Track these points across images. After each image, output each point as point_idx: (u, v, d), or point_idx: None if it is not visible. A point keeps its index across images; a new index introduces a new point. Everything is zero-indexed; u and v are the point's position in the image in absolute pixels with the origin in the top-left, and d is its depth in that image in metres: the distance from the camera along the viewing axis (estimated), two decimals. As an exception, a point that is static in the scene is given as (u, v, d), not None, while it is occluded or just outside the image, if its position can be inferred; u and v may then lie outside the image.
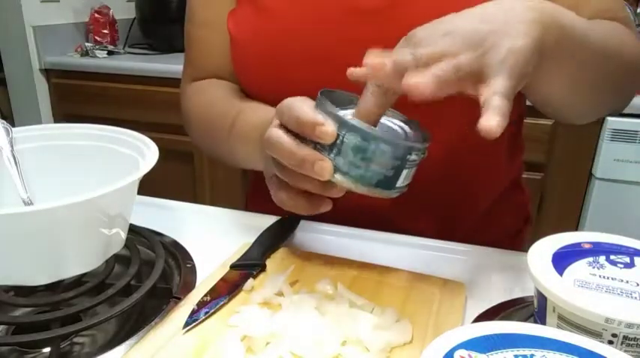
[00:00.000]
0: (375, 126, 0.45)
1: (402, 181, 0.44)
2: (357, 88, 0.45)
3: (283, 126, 0.46)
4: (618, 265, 0.39)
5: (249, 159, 0.59)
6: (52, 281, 0.46)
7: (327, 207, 0.48)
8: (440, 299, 0.48)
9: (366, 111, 0.44)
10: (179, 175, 1.83)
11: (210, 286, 0.49)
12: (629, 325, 0.33)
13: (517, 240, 0.75)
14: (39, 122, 1.89)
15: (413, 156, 0.43)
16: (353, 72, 0.44)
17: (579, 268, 0.39)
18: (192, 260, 0.54)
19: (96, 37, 1.97)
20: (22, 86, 1.93)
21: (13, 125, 0.55)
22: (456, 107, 0.48)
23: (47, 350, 0.43)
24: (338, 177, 0.43)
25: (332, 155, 0.43)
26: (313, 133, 0.42)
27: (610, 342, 0.34)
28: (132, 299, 0.45)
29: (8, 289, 0.48)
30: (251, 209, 0.71)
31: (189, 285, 0.50)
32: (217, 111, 0.66)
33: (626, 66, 0.56)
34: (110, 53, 1.91)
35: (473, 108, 0.39)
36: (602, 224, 1.54)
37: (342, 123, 0.42)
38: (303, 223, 0.63)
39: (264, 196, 0.57)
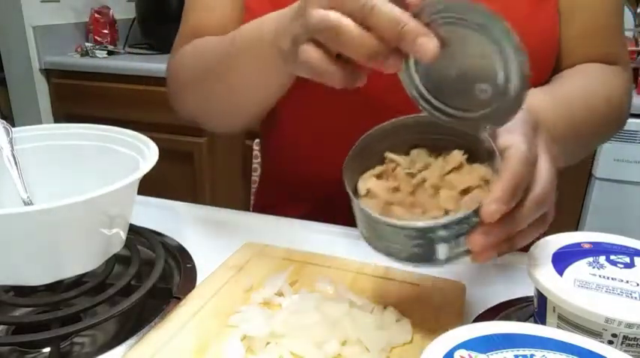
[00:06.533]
0: None
1: (442, 254, 0.38)
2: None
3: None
4: (618, 265, 0.39)
5: (260, 61, 0.52)
6: (52, 281, 0.45)
7: (362, 82, 0.42)
8: (440, 299, 0.48)
9: None
10: (179, 175, 1.83)
11: (210, 286, 0.49)
12: (629, 325, 0.33)
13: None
14: (39, 122, 1.89)
15: (441, 233, 0.36)
16: None
17: (579, 268, 0.39)
18: (192, 260, 0.54)
19: (96, 37, 1.97)
20: (22, 86, 1.92)
21: (13, 125, 0.55)
22: None
23: (47, 350, 0.43)
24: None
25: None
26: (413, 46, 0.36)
27: (610, 342, 0.34)
28: (132, 299, 0.45)
29: (8, 289, 0.48)
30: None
31: (189, 285, 0.50)
32: (211, 45, 0.62)
33: (605, 118, 0.62)
34: (110, 53, 1.91)
35: None
36: (602, 224, 1.54)
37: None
38: (303, 223, 0.63)
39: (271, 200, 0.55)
